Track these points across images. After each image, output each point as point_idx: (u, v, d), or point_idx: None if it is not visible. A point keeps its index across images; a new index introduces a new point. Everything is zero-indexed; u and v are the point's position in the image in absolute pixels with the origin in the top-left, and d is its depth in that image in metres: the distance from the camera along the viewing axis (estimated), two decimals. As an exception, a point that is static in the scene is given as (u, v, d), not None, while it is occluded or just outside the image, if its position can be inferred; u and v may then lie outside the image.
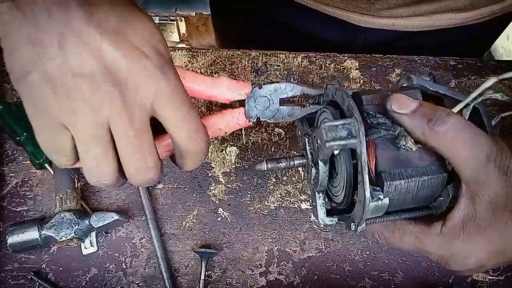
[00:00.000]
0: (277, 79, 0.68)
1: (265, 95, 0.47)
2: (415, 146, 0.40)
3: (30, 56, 0.32)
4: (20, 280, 0.58)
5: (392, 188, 0.39)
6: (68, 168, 0.58)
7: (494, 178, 0.37)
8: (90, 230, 0.57)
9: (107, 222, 0.57)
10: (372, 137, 0.40)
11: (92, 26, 0.33)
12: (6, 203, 0.61)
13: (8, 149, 0.63)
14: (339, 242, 0.61)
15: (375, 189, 0.39)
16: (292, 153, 0.64)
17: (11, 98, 0.65)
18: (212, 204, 0.62)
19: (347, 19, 0.69)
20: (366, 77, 0.68)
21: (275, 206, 0.62)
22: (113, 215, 0.57)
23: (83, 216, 0.57)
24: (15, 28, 0.32)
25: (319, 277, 0.60)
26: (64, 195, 0.58)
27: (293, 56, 0.69)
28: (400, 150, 0.40)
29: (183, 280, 0.60)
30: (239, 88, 0.46)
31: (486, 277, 0.60)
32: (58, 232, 0.56)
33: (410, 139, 0.40)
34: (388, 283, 0.60)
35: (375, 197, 0.39)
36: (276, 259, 0.61)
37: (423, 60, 0.69)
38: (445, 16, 0.67)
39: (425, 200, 0.42)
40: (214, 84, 0.45)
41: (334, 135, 0.39)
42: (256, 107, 0.47)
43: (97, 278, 0.59)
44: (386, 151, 0.40)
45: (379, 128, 0.40)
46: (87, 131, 0.34)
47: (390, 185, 0.39)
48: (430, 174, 0.40)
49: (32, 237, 0.56)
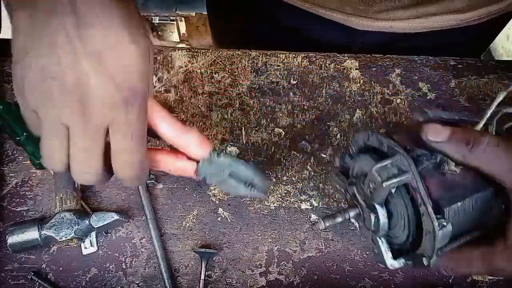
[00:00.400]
0: (277, 79, 0.68)
1: (220, 164, 0.47)
2: (458, 168, 0.42)
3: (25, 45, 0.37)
4: (20, 280, 0.58)
5: (451, 213, 0.41)
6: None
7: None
8: (90, 230, 0.57)
9: (107, 222, 0.57)
10: (418, 169, 0.41)
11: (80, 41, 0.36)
12: (6, 203, 0.61)
13: (8, 149, 0.63)
14: (339, 242, 0.61)
15: (438, 218, 0.40)
16: (293, 153, 0.64)
17: (11, 98, 0.65)
18: (212, 204, 0.62)
19: (345, 23, 0.69)
20: (366, 77, 0.68)
21: (275, 206, 0.62)
22: (113, 215, 0.57)
23: (83, 216, 0.57)
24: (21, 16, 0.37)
25: (319, 277, 0.60)
26: (64, 195, 0.58)
27: (293, 56, 0.69)
28: (446, 175, 0.42)
29: (183, 280, 0.60)
30: (206, 146, 0.46)
31: (486, 277, 0.60)
32: (58, 232, 0.56)
33: (452, 164, 0.41)
34: (388, 283, 0.60)
35: (440, 224, 0.40)
36: (276, 259, 0.61)
37: (423, 60, 0.69)
38: (442, 17, 0.67)
39: (480, 218, 0.43)
40: (182, 133, 0.45)
41: (387, 174, 0.41)
42: (207, 169, 0.47)
43: (97, 278, 0.59)
44: (435, 179, 0.41)
45: (421, 159, 0.42)
46: (48, 122, 0.38)
47: (449, 210, 0.40)
48: (479, 190, 0.41)
49: (32, 237, 0.56)
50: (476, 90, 0.68)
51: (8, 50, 0.38)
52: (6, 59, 0.66)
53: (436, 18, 0.67)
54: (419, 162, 0.41)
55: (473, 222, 0.43)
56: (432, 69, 0.69)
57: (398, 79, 0.69)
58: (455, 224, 0.41)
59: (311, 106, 0.67)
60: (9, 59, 0.65)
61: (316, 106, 0.67)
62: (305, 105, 0.67)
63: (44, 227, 0.56)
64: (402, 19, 0.67)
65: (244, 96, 0.67)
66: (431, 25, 0.68)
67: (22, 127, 0.61)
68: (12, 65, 0.38)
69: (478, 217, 0.43)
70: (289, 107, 0.67)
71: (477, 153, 0.40)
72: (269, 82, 0.68)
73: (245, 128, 0.65)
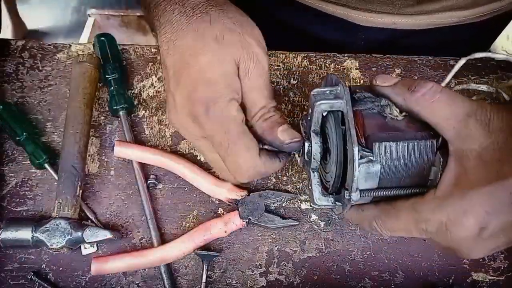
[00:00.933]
0: (277, 79, 0.68)
1: (252, 201, 0.60)
2: (400, 114, 0.42)
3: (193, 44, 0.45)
4: (20, 280, 0.58)
5: (381, 150, 0.40)
6: (73, 173, 0.58)
7: (477, 132, 0.38)
8: (82, 242, 0.57)
9: (99, 239, 0.57)
10: (359, 108, 0.42)
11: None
12: (6, 203, 0.61)
13: (8, 149, 0.63)
14: (339, 242, 0.61)
15: (365, 150, 0.40)
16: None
17: (11, 98, 0.65)
18: (212, 204, 0.62)
19: (347, 18, 0.69)
20: (366, 77, 0.68)
21: (275, 206, 0.62)
22: (106, 233, 0.57)
23: (78, 228, 0.56)
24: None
25: (319, 277, 0.60)
26: (63, 201, 0.57)
27: (293, 56, 0.69)
28: (387, 119, 0.42)
29: (183, 280, 0.60)
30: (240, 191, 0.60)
31: (487, 277, 0.60)
32: (50, 239, 0.55)
33: (394, 108, 0.42)
34: (388, 283, 0.60)
35: (365, 157, 0.39)
36: (276, 259, 0.61)
37: (423, 60, 0.69)
38: (446, 14, 0.67)
39: (419, 171, 0.41)
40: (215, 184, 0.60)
41: (321, 97, 0.43)
42: (246, 210, 0.59)
43: (97, 278, 0.59)
44: (374, 121, 0.42)
45: (365, 100, 0.43)
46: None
47: (379, 146, 0.40)
48: (418, 139, 0.41)
49: (24, 237, 0.55)
50: (476, 90, 0.68)
51: (8, 50, 0.37)
52: (6, 59, 0.66)
53: (439, 15, 0.67)
54: (362, 102, 0.43)
55: (410, 176, 0.42)
56: (432, 69, 0.69)
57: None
58: (386, 167, 0.40)
59: (311, 106, 0.67)
60: (9, 59, 0.66)
61: (316, 106, 0.67)
62: (305, 105, 0.67)
63: (38, 230, 0.55)
64: (406, 15, 0.67)
65: (244, 96, 0.67)
66: (434, 21, 0.68)
67: (22, 127, 0.61)
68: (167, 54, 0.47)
69: (415, 170, 0.41)
70: (289, 107, 0.67)
71: (417, 97, 0.40)
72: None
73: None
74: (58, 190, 0.58)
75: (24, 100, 0.65)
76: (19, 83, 0.66)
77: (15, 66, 0.66)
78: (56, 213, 0.57)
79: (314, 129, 0.46)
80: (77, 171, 0.58)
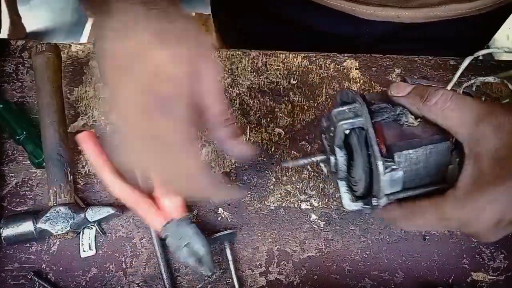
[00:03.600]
0: (277, 79, 0.68)
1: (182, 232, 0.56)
2: (416, 121, 0.45)
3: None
4: (20, 280, 0.58)
5: (402, 158, 0.43)
6: (60, 160, 0.58)
7: (489, 134, 0.40)
8: (86, 223, 0.57)
9: (102, 216, 0.57)
10: (377, 119, 0.45)
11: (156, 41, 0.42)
12: (6, 203, 0.61)
13: (8, 149, 0.63)
14: (339, 242, 0.61)
15: (387, 161, 0.43)
16: (292, 153, 0.64)
17: (11, 98, 0.65)
18: (212, 204, 0.62)
19: (352, 12, 0.68)
20: (366, 77, 0.68)
21: (275, 206, 0.62)
22: (109, 209, 0.58)
23: (79, 210, 0.57)
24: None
25: (319, 277, 0.60)
26: (58, 189, 0.57)
27: (293, 56, 0.69)
28: (404, 127, 0.45)
29: (183, 280, 0.60)
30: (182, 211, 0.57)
31: (486, 277, 0.60)
32: (54, 226, 0.56)
33: (410, 115, 0.45)
34: (388, 283, 0.60)
35: (388, 167, 0.43)
36: (276, 259, 0.61)
37: (423, 60, 0.69)
38: (449, 7, 0.67)
39: (437, 171, 0.45)
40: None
41: (342, 117, 0.47)
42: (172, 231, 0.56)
43: (97, 278, 0.59)
44: (392, 130, 0.45)
45: (381, 112, 0.46)
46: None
47: (400, 156, 0.43)
48: (435, 142, 0.44)
49: (27, 230, 0.56)
50: (476, 90, 0.68)
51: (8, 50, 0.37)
52: (6, 59, 0.66)
53: (442, 8, 0.67)
54: (379, 113, 0.45)
55: (430, 176, 0.45)
56: (432, 69, 0.69)
57: (398, 79, 0.69)
58: (408, 172, 0.44)
59: (311, 106, 0.67)
60: (9, 59, 0.66)
61: (316, 106, 0.67)
62: (305, 105, 0.67)
63: (39, 221, 0.56)
64: (410, 8, 0.67)
65: (244, 96, 0.67)
66: (437, 14, 0.68)
67: (22, 126, 0.61)
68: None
69: (434, 170, 0.45)
70: (289, 107, 0.67)
71: (429, 106, 0.43)
72: (269, 82, 0.68)
73: (245, 128, 0.65)
74: (49, 180, 0.58)
75: (24, 100, 0.65)
76: (19, 83, 0.66)
77: (15, 66, 0.66)
78: (53, 201, 0.57)
79: (338, 144, 0.49)
80: (64, 157, 0.58)
